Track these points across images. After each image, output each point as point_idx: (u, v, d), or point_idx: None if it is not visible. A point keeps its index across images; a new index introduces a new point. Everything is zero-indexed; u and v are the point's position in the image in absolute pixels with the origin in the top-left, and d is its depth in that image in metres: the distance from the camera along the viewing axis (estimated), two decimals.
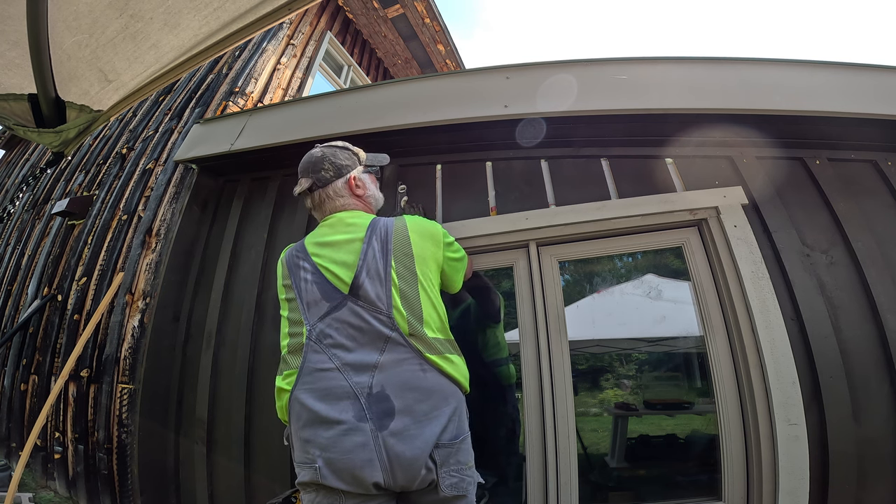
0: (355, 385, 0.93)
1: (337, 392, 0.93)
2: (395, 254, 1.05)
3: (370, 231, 1.09)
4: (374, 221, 1.12)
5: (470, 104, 1.83)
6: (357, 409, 0.91)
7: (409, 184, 1.95)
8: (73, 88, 0.93)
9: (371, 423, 0.90)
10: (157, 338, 1.97)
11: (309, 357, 0.98)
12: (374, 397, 0.92)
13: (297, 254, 1.13)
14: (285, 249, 1.21)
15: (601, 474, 2.14)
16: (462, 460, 0.95)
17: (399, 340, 0.97)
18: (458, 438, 0.96)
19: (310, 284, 1.06)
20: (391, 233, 1.08)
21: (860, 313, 1.46)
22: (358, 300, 1.00)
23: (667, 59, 1.79)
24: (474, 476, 0.98)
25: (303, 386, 0.97)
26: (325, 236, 1.12)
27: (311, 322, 1.02)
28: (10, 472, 2.30)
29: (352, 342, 0.98)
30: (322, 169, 1.22)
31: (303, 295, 1.06)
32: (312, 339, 1.00)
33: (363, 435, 0.89)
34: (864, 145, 1.73)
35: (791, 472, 1.31)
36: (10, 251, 3.53)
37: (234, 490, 1.74)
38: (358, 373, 0.94)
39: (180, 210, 2.21)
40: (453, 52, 4.66)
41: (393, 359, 0.96)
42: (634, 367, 2.53)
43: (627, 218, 1.67)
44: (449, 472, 0.92)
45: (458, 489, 0.93)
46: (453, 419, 0.96)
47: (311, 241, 1.15)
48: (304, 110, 2.15)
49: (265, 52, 2.95)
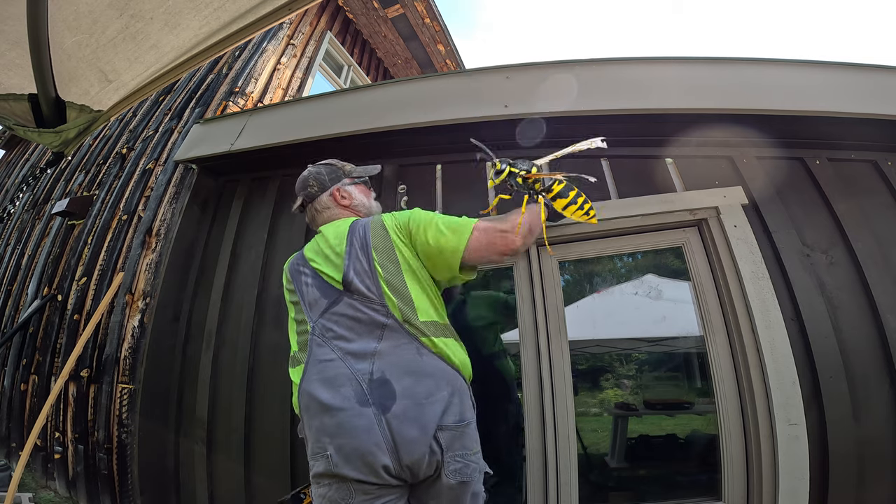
0: (357, 372, 0.97)
1: (340, 380, 0.97)
2: (375, 247, 1.10)
3: (350, 233, 1.16)
4: (354, 223, 1.19)
5: (470, 104, 1.83)
6: (360, 394, 0.95)
7: (408, 184, 1.95)
8: (73, 88, 0.93)
9: (374, 408, 0.93)
10: (157, 338, 1.97)
11: (314, 351, 1.04)
12: (376, 382, 0.96)
13: (298, 262, 1.23)
14: (288, 259, 1.29)
15: (601, 474, 2.14)
16: (467, 445, 0.97)
17: (395, 327, 1.01)
18: (463, 422, 0.98)
19: (310, 287, 1.13)
20: (368, 230, 1.14)
21: (860, 313, 1.46)
22: (352, 295, 1.06)
23: (667, 59, 1.79)
24: (480, 464, 0.99)
25: (309, 377, 1.02)
26: (318, 244, 1.21)
27: (314, 319, 1.08)
28: (10, 472, 2.30)
29: (351, 333, 1.03)
30: (308, 186, 1.34)
31: (305, 297, 1.13)
32: (316, 334, 1.06)
33: (367, 419, 0.92)
34: (864, 145, 1.73)
35: (791, 472, 1.31)
36: (10, 251, 3.53)
37: (234, 490, 1.74)
38: (359, 360, 0.99)
39: (180, 210, 2.21)
40: (453, 52, 4.67)
41: (391, 345, 1.00)
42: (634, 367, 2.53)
43: (627, 218, 1.67)
44: (454, 457, 0.94)
45: (461, 475, 0.94)
46: (453, 402, 0.98)
47: (308, 249, 1.24)
48: (304, 110, 2.15)
49: (265, 52, 2.96)
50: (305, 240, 1.99)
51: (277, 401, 1.75)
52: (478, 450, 1.01)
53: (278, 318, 1.88)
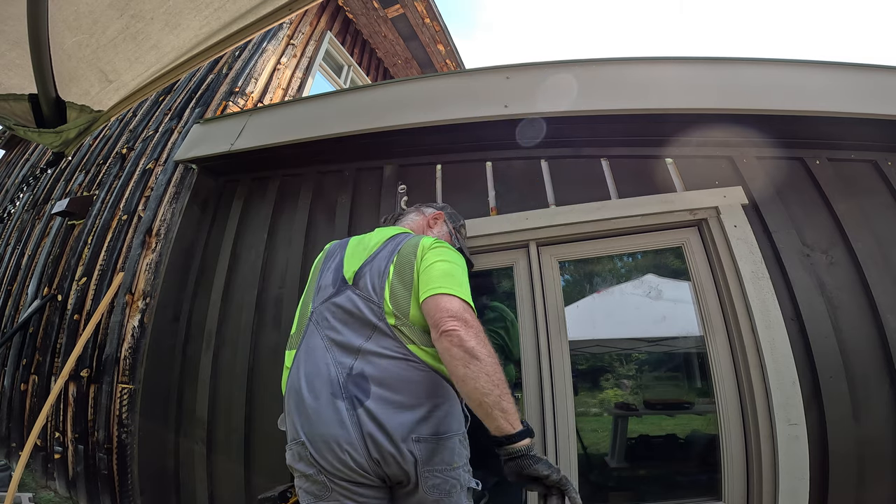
0: (338, 364, 0.98)
1: (320, 369, 0.99)
2: (399, 259, 1.10)
3: (390, 238, 1.18)
4: (400, 233, 1.21)
5: (470, 104, 1.83)
6: (335, 386, 0.95)
7: (409, 184, 1.95)
8: (73, 89, 0.93)
9: (346, 402, 0.93)
10: (157, 338, 1.97)
11: (307, 338, 1.06)
12: (354, 378, 0.95)
13: (339, 245, 1.26)
14: (334, 241, 1.33)
15: (601, 474, 2.14)
16: (447, 460, 0.92)
17: (385, 330, 1.00)
18: (444, 435, 0.93)
19: (329, 272, 1.15)
20: (402, 242, 1.14)
21: (860, 313, 1.46)
22: (357, 289, 1.07)
23: (666, 59, 1.79)
24: (462, 479, 0.94)
25: (297, 363, 1.04)
26: (366, 237, 1.24)
27: (316, 304, 1.10)
28: (10, 472, 2.30)
29: (342, 325, 1.03)
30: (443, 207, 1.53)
31: (321, 279, 1.16)
32: (313, 320, 1.08)
33: (337, 412, 0.92)
34: (864, 145, 1.73)
35: (791, 471, 1.31)
36: (10, 251, 3.53)
37: (234, 490, 1.74)
38: (343, 353, 0.99)
39: (180, 210, 2.21)
40: (453, 52, 4.66)
41: (377, 346, 0.99)
42: (634, 367, 2.53)
43: (627, 218, 1.68)
44: (432, 471, 0.90)
45: (439, 490, 0.90)
46: (435, 413, 0.94)
47: (355, 237, 1.26)
48: (304, 110, 2.15)
49: (265, 52, 2.95)
50: (305, 239, 1.99)
51: (277, 401, 1.73)
52: (461, 464, 0.95)
53: (278, 318, 1.88)
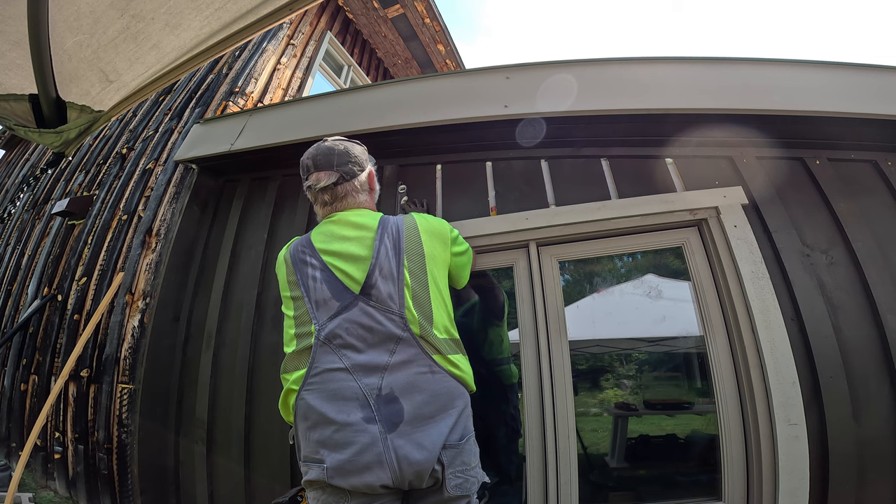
0: (365, 386, 0.92)
1: (346, 393, 0.92)
2: (408, 253, 1.04)
3: (381, 229, 1.07)
4: (384, 220, 1.10)
5: (470, 104, 1.83)
6: (366, 410, 0.91)
7: (409, 184, 1.95)
8: (73, 89, 0.93)
9: (380, 425, 0.89)
10: (157, 338, 1.97)
11: (318, 357, 0.97)
12: (384, 399, 0.92)
13: (304, 249, 1.09)
14: (287, 245, 1.16)
15: (601, 474, 2.14)
16: (466, 461, 0.96)
17: (410, 341, 0.97)
18: (464, 439, 0.97)
19: (318, 283, 1.03)
20: (402, 231, 1.07)
21: (860, 313, 1.46)
22: (370, 300, 0.99)
23: (666, 59, 1.79)
24: (478, 476, 0.98)
25: (311, 386, 0.95)
26: (334, 233, 1.09)
27: (321, 322, 0.99)
28: (10, 472, 2.30)
29: (362, 343, 0.96)
30: (349, 162, 1.16)
31: (311, 294, 1.03)
32: (321, 339, 0.98)
33: (371, 437, 0.88)
34: (864, 145, 1.73)
35: (791, 471, 1.31)
36: (10, 251, 3.53)
37: (234, 490, 1.74)
38: (368, 374, 0.94)
39: (180, 210, 2.21)
40: (453, 52, 4.66)
41: (403, 360, 0.95)
42: (634, 367, 2.53)
43: (627, 218, 1.68)
44: (455, 472, 0.93)
45: (461, 489, 0.93)
46: (460, 420, 0.97)
47: (318, 237, 1.11)
48: (304, 110, 2.15)
49: (265, 52, 2.95)
50: None
51: (277, 401, 1.75)
52: (477, 463, 0.99)
53: (278, 318, 1.88)
